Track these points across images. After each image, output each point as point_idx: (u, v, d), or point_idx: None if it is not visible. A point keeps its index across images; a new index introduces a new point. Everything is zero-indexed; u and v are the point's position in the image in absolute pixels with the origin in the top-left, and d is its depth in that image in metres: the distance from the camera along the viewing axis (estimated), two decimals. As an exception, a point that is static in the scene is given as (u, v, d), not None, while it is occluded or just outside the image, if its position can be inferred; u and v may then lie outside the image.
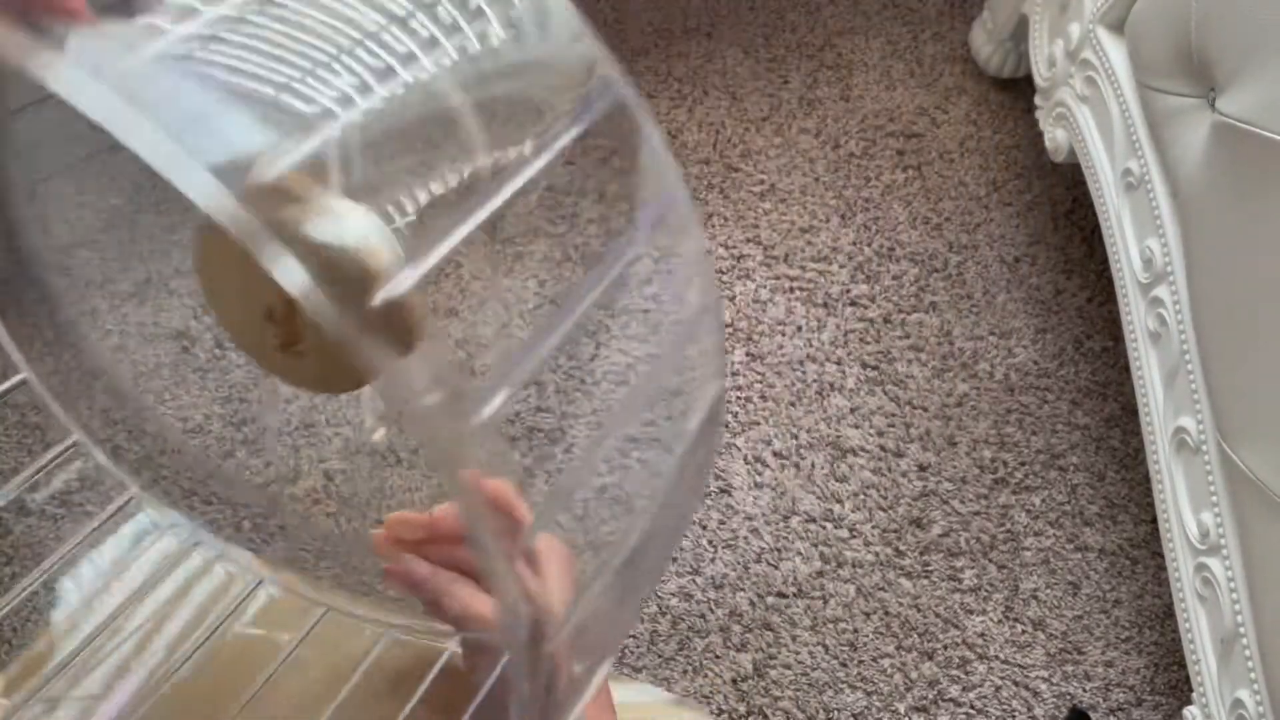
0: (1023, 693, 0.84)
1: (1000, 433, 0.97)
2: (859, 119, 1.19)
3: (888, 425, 0.97)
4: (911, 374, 1.00)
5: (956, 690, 0.84)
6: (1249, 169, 0.62)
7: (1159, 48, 0.73)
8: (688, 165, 1.15)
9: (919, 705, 0.84)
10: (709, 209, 1.11)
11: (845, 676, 0.85)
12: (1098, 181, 0.86)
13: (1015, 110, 1.20)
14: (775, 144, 1.17)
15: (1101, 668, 0.86)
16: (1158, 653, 0.86)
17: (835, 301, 1.05)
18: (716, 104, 1.20)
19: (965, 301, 1.05)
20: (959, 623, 0.87)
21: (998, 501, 0.93)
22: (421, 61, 0.33)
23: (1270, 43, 0.61)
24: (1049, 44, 0.99)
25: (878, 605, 0.88)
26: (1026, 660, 0.86)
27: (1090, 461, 0.95)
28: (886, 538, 0.91)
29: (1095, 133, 0.87)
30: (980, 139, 1.17)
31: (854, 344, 1.02)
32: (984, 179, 1.14)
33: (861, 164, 1.15)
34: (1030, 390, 0.99)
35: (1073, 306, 1.04)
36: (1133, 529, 0.92)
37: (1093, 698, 0.84)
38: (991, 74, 1.21)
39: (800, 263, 1.07)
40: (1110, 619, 0.88)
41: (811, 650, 0.86)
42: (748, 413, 0.98)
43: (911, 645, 0.86)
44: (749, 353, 1.01)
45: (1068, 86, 0.92)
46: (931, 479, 0.94)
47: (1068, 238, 1.09)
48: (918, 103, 1.20)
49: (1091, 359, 1.01)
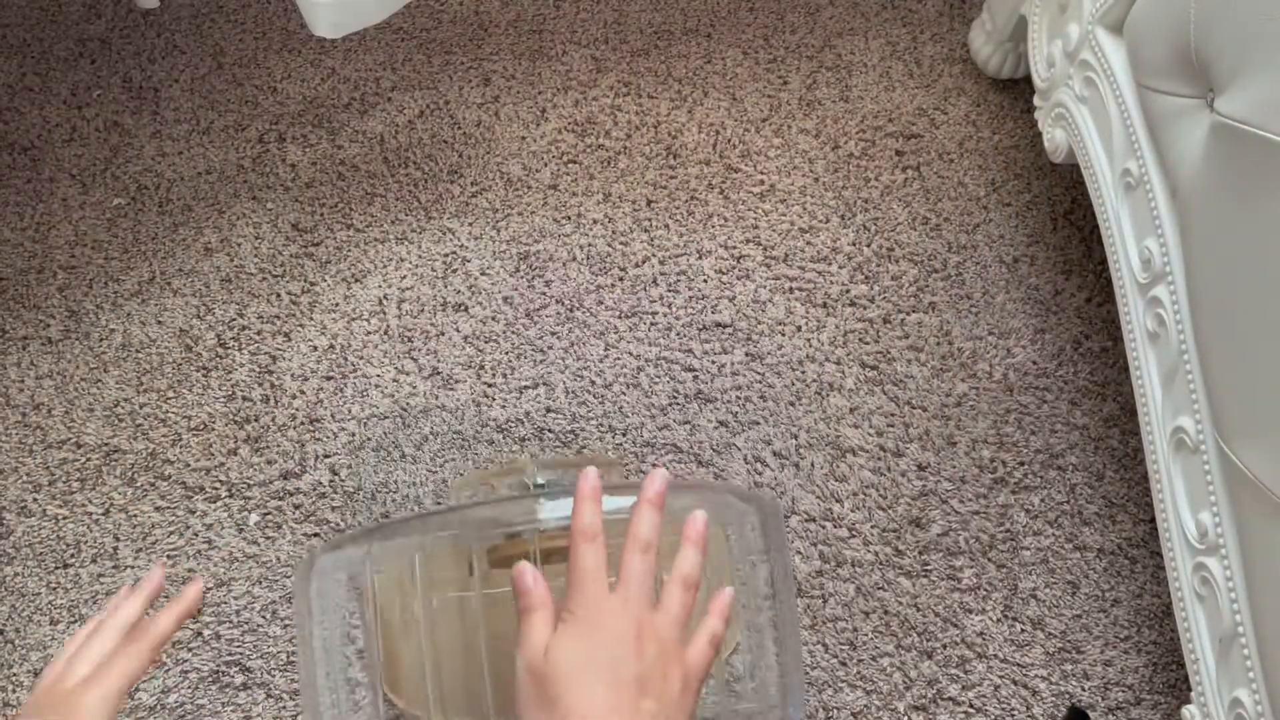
0: (1021, 691, 0.85)
1: (999, 432, 0.97)
2: (858, 120, 1.19)
3: (887, 425, 0.97)
4: (911, 374, 1.00)
5: (956, 689, 0.84)
6: (1248, 169, 0.63)
7: (1158, 48, 0.74)
8: (688, 165, 1.15)
9: (918, 704, 0.84)
10: (709, 209, 1.12)
11: (845, 675, 0.85)
12: (1096, 182, 0.86)
13: (1014, 111, 1.20)
14: (775, 145, 1.17)
15: (1100, 667, 0.86)
16: (1156, 652, 0.87)
17: (835, 302, 1.05)
18: (716, 105, 1.21)
19: (964, 302, 1.05)
20: (958, 622, 0.87)
21: (997, 501, 0.93)
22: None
23: (1269, 43, 0.61)
24: (1048, 45, 0.99)
25: (877, 604, 0.88)
26: (1025, 659, 0.86)
27: (1089, 461, 0.96)
28: (886, 537, 0.91)
29: (1094, 133, 0.88)
30: (979, 139, 1.17)
31: (853, 344, 1.02)
32: (983, 179, 1.14)
33: (861, 165, 1.15)
34: (1029, 390, 0.99)
35: (1071, 306, 1.05)
36: (1131, 528, 0.92)
37: (1091, 697, 0.85)
38: (990, 75, 1.22)
39: (800, 263, 1.08)
40: (1109, 618, 0.88)
41: (811, 649, 0.86)
42: (747, 412, 0.98)
43: (911, 644, 0.86)
44: (749, 353, 1.01)
45: (1067, 87, 0.92)
46: (931, 478, 0.94)
47: (1066, 238, 1.10)
48: (917, 103, 1.20)
49: (1090, 359, 1.01)
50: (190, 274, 1.08)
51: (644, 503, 0.53)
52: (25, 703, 0.49)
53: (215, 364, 1.01)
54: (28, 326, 1.04)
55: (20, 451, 0.96)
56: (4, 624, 0.88)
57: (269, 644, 0.86)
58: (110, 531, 0.92)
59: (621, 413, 0.98)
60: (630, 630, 0.48)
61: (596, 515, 0.51)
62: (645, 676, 0.47)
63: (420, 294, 1.06)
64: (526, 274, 1.07)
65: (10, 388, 1.00)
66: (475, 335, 1.03)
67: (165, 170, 1.16)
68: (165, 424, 0.98)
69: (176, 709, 0.83)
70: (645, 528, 0.52)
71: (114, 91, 1.23)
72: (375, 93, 1.22)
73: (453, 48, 1.27)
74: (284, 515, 0.92)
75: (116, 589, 0.88)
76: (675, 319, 1.04)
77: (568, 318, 1.04)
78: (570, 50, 1.26)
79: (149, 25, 1.29)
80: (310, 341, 1.03)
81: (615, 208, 1.12)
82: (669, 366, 1.01)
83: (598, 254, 1.09)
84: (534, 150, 1.17)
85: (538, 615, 0.50)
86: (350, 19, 0.95)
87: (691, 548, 0.53)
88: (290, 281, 1.07)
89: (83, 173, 1.15)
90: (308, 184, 1.14)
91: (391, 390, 0.99)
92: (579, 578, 0.50)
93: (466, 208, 1.12)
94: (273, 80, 1.23)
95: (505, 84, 1.23)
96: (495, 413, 0.98)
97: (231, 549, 0.91)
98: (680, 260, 1.08)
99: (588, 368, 1.01)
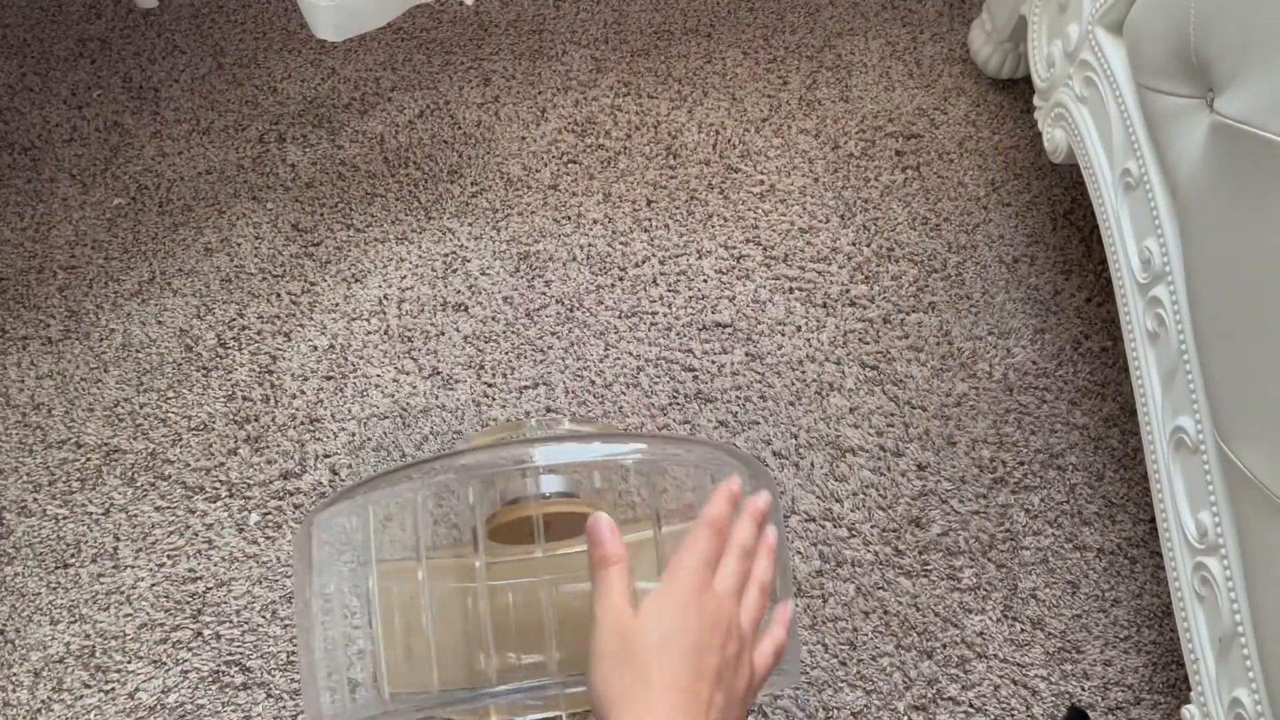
0: (1021, 691, 0.85)
1: (999, 432, 0.97)
2: (858, 120, 1.19)
3: (887, 425, 0.97)
4: (910, 374, 1.00)
5: (955, 689, 0.84)
6: (1247, 169, 0.63)
7: (1157, 48, 0.74)
8: (688, 165, 1.15)
9: (918, 704, 0.84)
10: (709, 209, 1.12)
11: (844, 675, 0.85)
12: (1096, 182, 0.86)
13: (1014, 111, 1.20)
14: (775, 145, 1.17)
15: (1100, 666, 0.86)
16: (1156, 652, 0.87)
17: (834, 302, 1.05)
18: (716, 105, 1.21)
19: (964, 301, 1.05)
20: (958, 621, 0.87)
21: (996, 501, 0.93)
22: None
23: (1269, 43, 0.61)
24: (1047, 45, 0.99)
25: (877, 604, 0.88)
26: (1025, 659, 0.86)
27: (1089, 461, 0.96)
28: (885, 537, 0.91)
29: (1094, 133, 0.88)
30: (979, 140, 1.17)
31: (853, 344, 1.02)
32: (983, 179, 1.14)
33: (861, 165, 1.15)
34: (1029, 390, 0.99)
35: (1071, 306, 1.05)
36: (1131, 528, 0.92)
37: (1091, 696, 0.85)
38: (990, 75, 1.22)
39: (800, 263, 1.08)
40: (1109, 618, 0.88)
41: (811, 649, 0.86)
42: (747, 412, 0.98)
43: (911, 644, 0.86)
44: (748, 353, 1.02)
45: (1066, 87, 0.92)
46: (930, 478, 0.94)
47: (1066, 238, 1.10)
48: (917, 104, 1.20)
49: (1090, 359, 1.02)
50: (190, 274, 1.08)
51: (745, 514, 0.57)
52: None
53: (215, 364, 1.01)
54: (28, 326, 1.04)
55: (20, 451, 0.96)
56: (4, 624, 0.88)
57: (269, 644, 0.86)
58: (110, 531, 0.92)
59: (621, 413, 0.98)
60: (722, 623, 0.52)
61: (727, 513, 0.56)
62: (723, 670, 0.50)
63: (420, 294, 1.06)
64: (526, 274, 1.07)
65: (10, 388, 1.00)
66: (475, 335, 1.03)
67: (165, 170, 1.16)
68: (165, 424, 0.98)
69: (176, 709, 0.83)
70: (746, 535, 0.56)
71: (114, 91, 1.23)
72: (375, 93, 1.22)
73: (453, 48, 1.27)
74: (284, 515, 0.92)
75: (117, 589, 0.89)
76: (675, 319, 1.04)
77: (568, 318, 1.04)
78: (570, 50, 1.26)
79: (149, 25, 1.29)
80: (310, 341, 1.03)
81: (615, 208, 1.12)
82: (669, 366, 1.01)
83: (598, 254, 1.09)
84: (534, 150, 1.17)
85: (615, 569, 0.53)
86: (351, 22, 0.95)
87: (764, 558, 0.57)
88: (290, 281, 1.07)
89: (83, 173, 1.15)
90: (308, 184, 1.14)
91: (391, 390, 0.99)
92: (690, 560, 0.53)
93: (466, 208, 1.12)
94: (273, 80, 1.23)
95: (505, 84, 1.23)
96: (495, 413, 0.98)
97: (231, 549, 0.91)
98: (680, 260, 1.08)
99: (588, 368, 1.01)
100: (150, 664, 0.85)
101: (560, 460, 0.64)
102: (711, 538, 0.54)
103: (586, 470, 0.68)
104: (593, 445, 0.64)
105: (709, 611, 0.51)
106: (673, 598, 0.51)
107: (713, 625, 0.51)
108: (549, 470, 0.64)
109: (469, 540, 0.65)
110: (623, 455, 0.64)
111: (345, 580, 0.65)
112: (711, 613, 0.51)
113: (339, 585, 0.65)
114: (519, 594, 0.69)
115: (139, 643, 0.86)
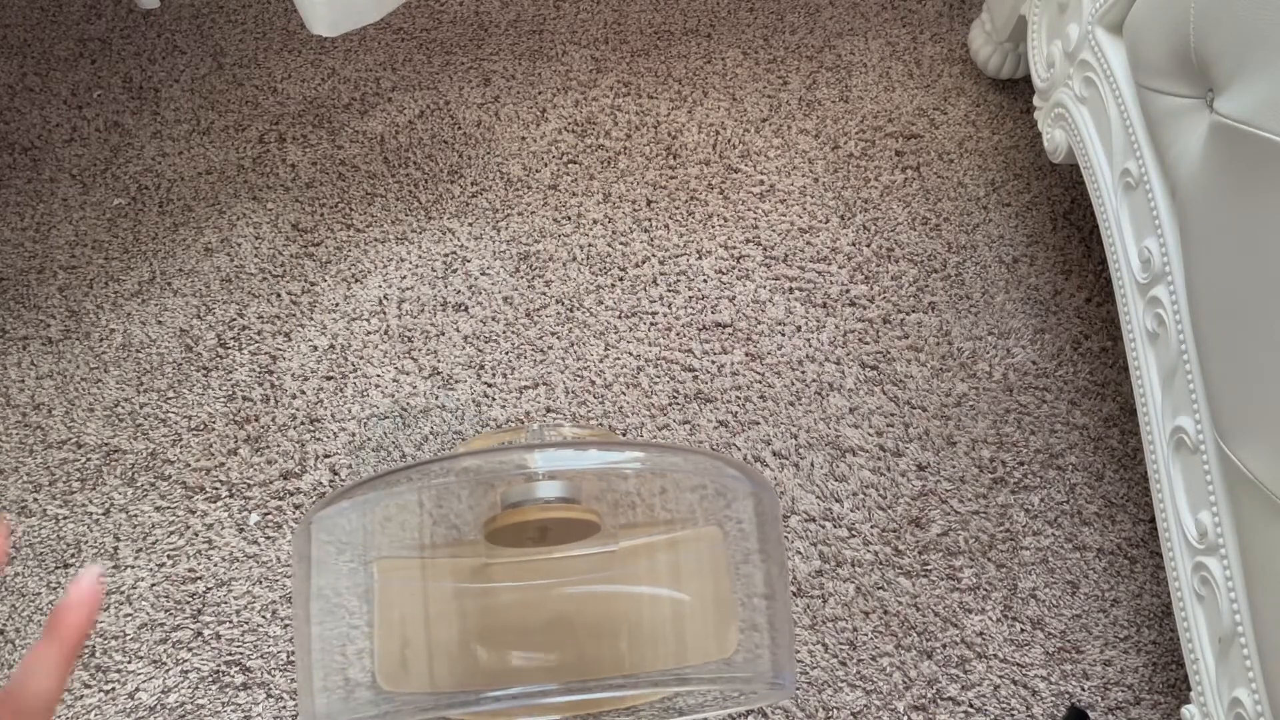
0: (1021, 691, 0.85)
1: (999, 432, 0.97)
2: (858, 120, 1.19)
3: (886, 425, 0.97)
4: (910, 374, 1.00)
5: (955, 689, 0.84)
6: (1247, 169, 0.63)
7: (1157, 48, 0.74)
8: (688, 166, 1.15)
9: (918, 704, 0.84)
10: (709, 209, 1.12)
11: (844, 675, 0.85)
12: (1096, 182, 0.86)
13: (1014, 111, 1.20)
14: (775, 145, 1.17)
15: (1100, 666, 0.86)
16: (1156, 652, 0.87)
17: (834, 302, 1.05)
18: (716, 105, 1.21)
19: (964, 302, 1.05)
20: (958, 621, 0.87)
21: (996, 501, 0.93)
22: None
23: (1269, 43, 0.61)
24: (1047, 45, 0.99)
25: (877, 604, 0.88)
26: (1025, 659, 0.86)
27: (1089, 461, 0.96)
28: (885, 537, 0.91)
29: (1094, 133, 0.88)
30: (979, 140, 1.17)
31: (853, 344, 1.02)
32: (983, 180, 1.14)
33: (861, 165, 1.15)
34: (1029, 390, 0.99)
35: (1071, 307, 1.05)
36: (1131, 528, 0.92)
37: (1091, 696, 0.85)
38: (990, 75, 1.22)
39: (800, 263, 1.08)
40: (1109, 618, 0.88)
41: (811, 649, 0.86)
42: (747, 412, 0.98)
43: (910, 644, 0.86)
44: (748, 353, 1.02)
45: (1066, 87, 0.92)
46: (930, 478, 0.94)
47: (1066, 238, 1.10)
48: (917, 104, 1.20)
49: (1090, 359, 1.02)
50: (190, 274, 1.08)
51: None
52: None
53: (215, 364, 1.01)
54: (28, 326, 1.04)
55: (20, 451, 0.96)
56: (4, 624, 0.88)
57: (269, 644, 0.86)
58: (110, 531, 0.92)
59: (621, 413, 0.98)
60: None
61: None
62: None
63: (420, 294, 1.06)
64: (526, 274, 1.07)
65: (10, 388, 1.00)
66: (475, 335, 1.03)
67: (165, 170, 1.16)
68: (165, 424, 0.98)
69: (176, 709, 0.83)
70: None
71: (114, 91, 1.23)
72: (375, 93, 1.22)
73: (453, 48, 1.27)
74: (284, 515, 0.92)
75: (117, 589, 0.89)
76: (675, 319, 1.04)
77: (568, 318, 1.04)
78: (570, 50, 1.26)
79: (149, 25, 1.29)
80: (310, 341, 1.03)
81: (615, 208, 1.12)
82: (669, 366, 1.01)
83: (598, 254, 1.09)
84: (534, 150, 1.17)
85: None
86: (347, 17, 0.95)
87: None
88: (290, 281, 1.07)
89: (83, 173, 1.15)
90: (308, 184, 1.14)
91: (391, 390, 0.99)
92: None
93: (466, 208, 1.12)
94: (273, 80, 1.23)
95: (505, 84, 1.23)
96: (495, 413, 0.98)
97: (231, 549, 0.91)
98: (680, 260, 1.08)
99: (588, 368, 1.01)
100: (150, 664, 0.85)
101: (561, 466, 0.64)
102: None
103: (586, 477, 0.68)
104: (592, 452, 0.65)
105: None
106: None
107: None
108: (550, 476, 0.64)
109: (468, 541, 0.66)
110: (623, 463, 0.64)
111: (344, 580, 0.65)
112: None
113: (338, 585, 0.65)
114: (517, 596, 0.69)
115: (139, 643, 0.86)
